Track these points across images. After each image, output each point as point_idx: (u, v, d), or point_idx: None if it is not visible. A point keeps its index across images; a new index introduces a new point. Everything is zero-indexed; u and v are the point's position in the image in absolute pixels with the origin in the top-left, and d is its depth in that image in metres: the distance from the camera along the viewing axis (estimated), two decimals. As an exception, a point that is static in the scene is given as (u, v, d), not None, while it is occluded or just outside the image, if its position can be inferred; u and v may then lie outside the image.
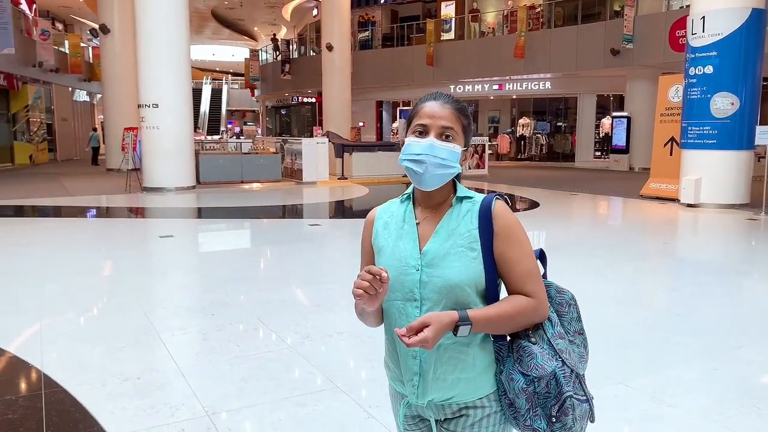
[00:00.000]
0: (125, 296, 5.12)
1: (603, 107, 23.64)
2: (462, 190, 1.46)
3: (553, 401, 1.36)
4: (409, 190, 1.50)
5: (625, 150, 19.43)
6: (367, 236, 1.54)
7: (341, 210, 11.83)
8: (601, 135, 23.48)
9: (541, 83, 22.67)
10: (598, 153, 23.61)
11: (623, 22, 17.44)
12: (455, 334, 1.31)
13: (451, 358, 1.39)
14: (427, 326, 1.26)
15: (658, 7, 18.23)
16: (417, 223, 1.45)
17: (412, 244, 1.42)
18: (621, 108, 21.15)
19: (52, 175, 17.41)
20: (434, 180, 1.39)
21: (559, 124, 24.62)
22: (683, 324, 4.41)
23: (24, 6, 21.95)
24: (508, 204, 1.43)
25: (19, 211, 10.72)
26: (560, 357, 1.37)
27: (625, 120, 19.36)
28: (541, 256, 1.47)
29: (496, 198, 1.41)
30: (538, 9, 20.84)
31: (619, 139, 19.64)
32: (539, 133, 24.03)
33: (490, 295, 1.39)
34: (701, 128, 10.66)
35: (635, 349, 3.86)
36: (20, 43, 19.53)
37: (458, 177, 1.46)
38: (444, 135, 1.40)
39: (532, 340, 1.38)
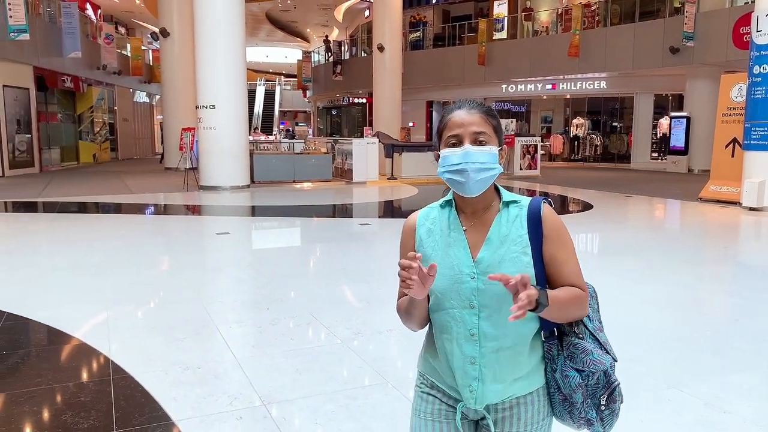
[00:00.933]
0: (185, 290, 5.34)
1: (661, 107, 22.92)
2: (507, 194, 1.48)
3: (602, 391, 1.42)
4: (449, 195, 1.51)
5: (683, 151, 18.77)
6: (408, 242, 1.54)
7: (390, 210, 11.92)
8: (658, 135, 22.77)
9: (596, 83, 22.17)
10: (655, 154, 22.92)
11: (684, 19, 16.89)
12: (535, 309, 1.29)
13: (509, 360, 1.42)
14: (524, 283, 1.24)
15: (721, 4, 17.56)
16: (464, 230, 1.46)
17: (463, 251, 1.44)
18: (680, 108, 20.45)
19: (115, 173, 18.15)
20: (479, 185, 1.41)
21: (615, 124, 24.01)
22: (742, 330, 4.29)
23: (90, 11, 23.01)
24: (551, 206, 1.47)
25: (84, 207, 11.26)
26: (605, 348, 1.43)
27: (684, 120, 18.72)
28: None
29: (543, 201, 1.45)
30: (594, 7, 20.41)
31: (677, 140, 19.00)
32: (593, 134, 23.50)
33: None
34: (765, 129, 10.24)
35: (691, 354, 3.79)
36: (86, 46, 20.45)
37: None
38: (477, 140, 1.41)
39: (579, 336, 1.43)
